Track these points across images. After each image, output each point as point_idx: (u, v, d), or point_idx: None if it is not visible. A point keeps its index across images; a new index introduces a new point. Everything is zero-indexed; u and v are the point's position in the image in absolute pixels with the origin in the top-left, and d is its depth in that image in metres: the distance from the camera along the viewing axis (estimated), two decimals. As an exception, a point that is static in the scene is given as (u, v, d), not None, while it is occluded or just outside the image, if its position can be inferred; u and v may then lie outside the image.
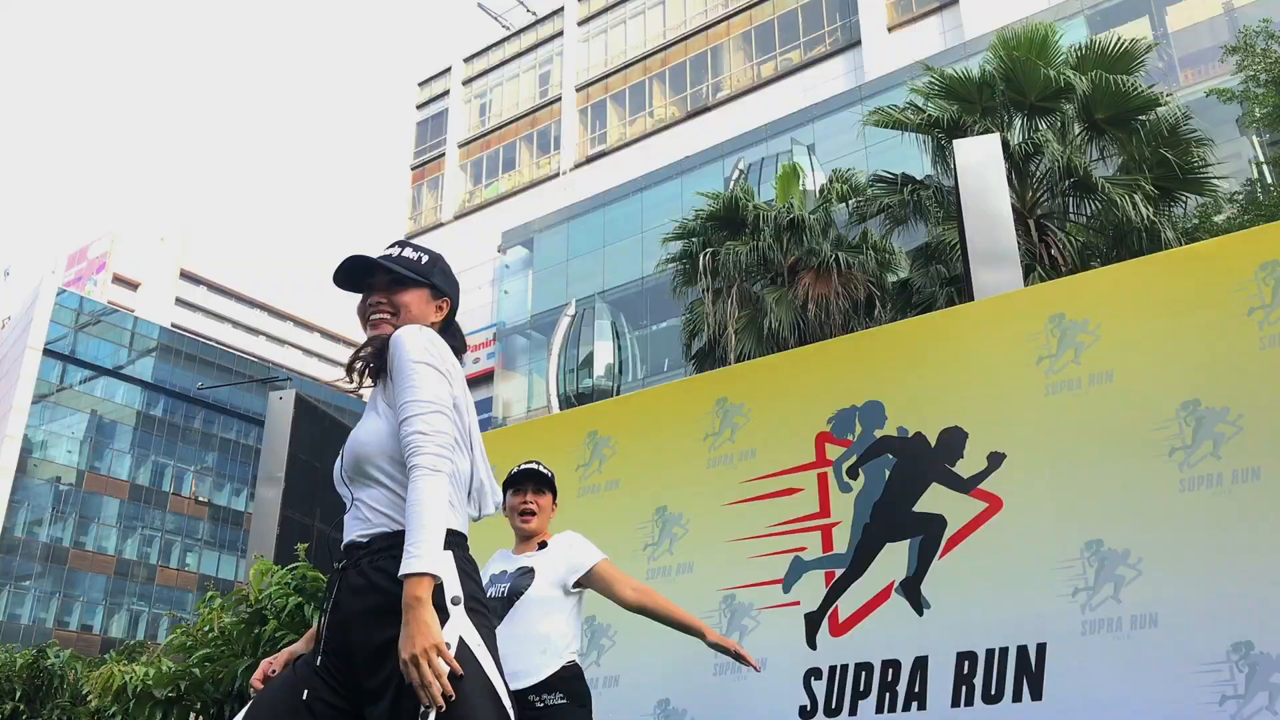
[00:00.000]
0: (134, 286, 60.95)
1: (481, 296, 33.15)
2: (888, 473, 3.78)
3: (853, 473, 3.85)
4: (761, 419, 4.10)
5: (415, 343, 2.07)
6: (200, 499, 48.89)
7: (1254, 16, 17.94)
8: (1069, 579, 3.33)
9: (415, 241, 2.33)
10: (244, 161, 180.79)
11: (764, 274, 16.15)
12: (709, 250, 16.03)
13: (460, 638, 1.88)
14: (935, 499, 3.65)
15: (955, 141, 5.41)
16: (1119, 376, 3.43)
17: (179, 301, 62.13)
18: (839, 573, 3.75)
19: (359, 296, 2.27)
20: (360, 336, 2.29)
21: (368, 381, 2.23)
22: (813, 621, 3.76)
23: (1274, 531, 3.05)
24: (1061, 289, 4.07)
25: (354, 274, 2.25)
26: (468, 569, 2.00)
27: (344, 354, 69.89)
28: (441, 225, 38.16)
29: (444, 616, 1.87)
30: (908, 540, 3.66)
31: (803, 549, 3.85)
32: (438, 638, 1.81)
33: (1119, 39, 13.19)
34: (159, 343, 50.68)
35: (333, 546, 2.16)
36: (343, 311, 68.17)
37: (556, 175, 35.13)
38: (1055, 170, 12.48)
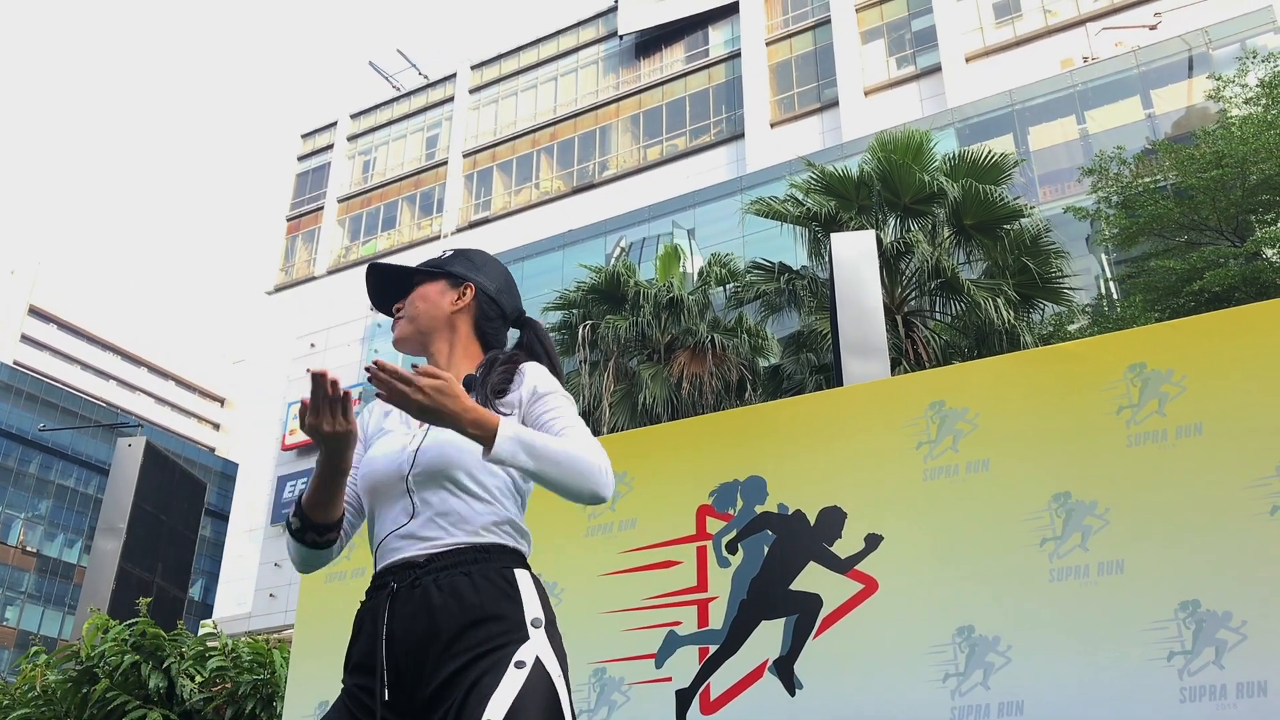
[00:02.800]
0: (-25, 320, 57.57)
1: (350, 354, 32.42)
2: (766, 549, 3.76)
3: (732, 547, 3.82)
4: (644, 488, 4.04)
5: (547, 375, 2.05)
6: (28, 548, 45.75)
7: (1108, 142, 19.24)
8: (940, 664, 3.35)
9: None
10: (108, 199, 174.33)
11: (641, 350, 16.30)
12: (589, 323, 16.13)
13: (538, 657, 1.79)
14: (812, 578, 3.64)
15: (832, 235, 5.56)
16: (995, 465, 3.51)
17: (25, 339, 58.84)
18: (713, 649, 3.69)
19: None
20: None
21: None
22: (684, 699, 3.68)
23: (1136, 624, 3.14)
24: (942, 377, 4.18)
25: (379, 289, 2.24)
26: (543, 593, 1.92)
27: (199, 404, 67.09)
28: (314, 279, 37.37)
29: (524, 636, 1.80)
30: (783, 619, 3.63)
31: (678, 623, 3.78)
32: (454, 407, 1.73)
33: (989, 151, 13.94)
34: (-2, 380, 47.77)
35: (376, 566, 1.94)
36: (199, 360, 65.67)
37: (438, 238, 34.90)
38: (924, 270, 13.02)
